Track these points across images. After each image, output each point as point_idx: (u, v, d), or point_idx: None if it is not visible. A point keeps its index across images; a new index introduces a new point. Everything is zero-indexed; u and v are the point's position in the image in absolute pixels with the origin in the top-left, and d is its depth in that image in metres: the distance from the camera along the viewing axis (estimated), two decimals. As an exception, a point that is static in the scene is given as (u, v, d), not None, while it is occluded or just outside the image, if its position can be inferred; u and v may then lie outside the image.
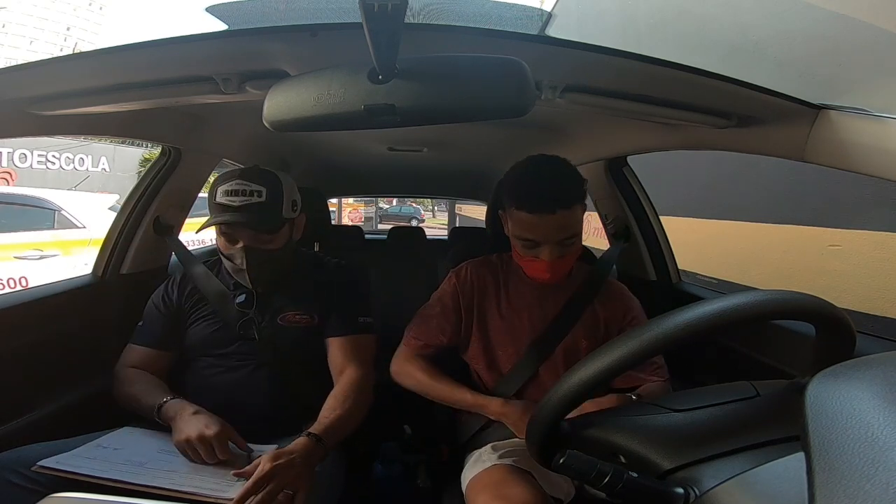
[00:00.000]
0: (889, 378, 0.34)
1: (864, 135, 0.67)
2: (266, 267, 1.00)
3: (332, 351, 1.02)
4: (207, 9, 0.68)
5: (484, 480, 0.84)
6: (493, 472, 0.85)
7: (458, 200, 7.93)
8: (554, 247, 0.89)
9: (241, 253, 0.97)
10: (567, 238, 0.89)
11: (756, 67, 2.09)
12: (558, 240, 0.88)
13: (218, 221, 0.95)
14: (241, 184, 0.95)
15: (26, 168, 9.61)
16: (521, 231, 0.90)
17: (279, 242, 1.00)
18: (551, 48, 0.69)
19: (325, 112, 0.58)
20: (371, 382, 1.01)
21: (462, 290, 1.01)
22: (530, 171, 0.92)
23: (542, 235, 0.88)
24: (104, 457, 0.79)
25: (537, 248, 0.90)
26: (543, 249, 0.89)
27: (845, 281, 2.33)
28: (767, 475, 0.40)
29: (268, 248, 0.99)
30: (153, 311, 1.07)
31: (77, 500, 0.61)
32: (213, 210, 0.97)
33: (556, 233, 0.88)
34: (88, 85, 0.77)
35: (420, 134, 1.50)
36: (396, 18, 0.47)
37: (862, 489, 0.28)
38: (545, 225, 0.87)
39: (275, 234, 0.99)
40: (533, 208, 0.87)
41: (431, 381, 0.99)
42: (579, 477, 0.48)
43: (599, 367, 0.49)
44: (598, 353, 0.50)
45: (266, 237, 0.98)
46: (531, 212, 0.87)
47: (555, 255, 0.89)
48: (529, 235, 0.89)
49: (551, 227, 0.87)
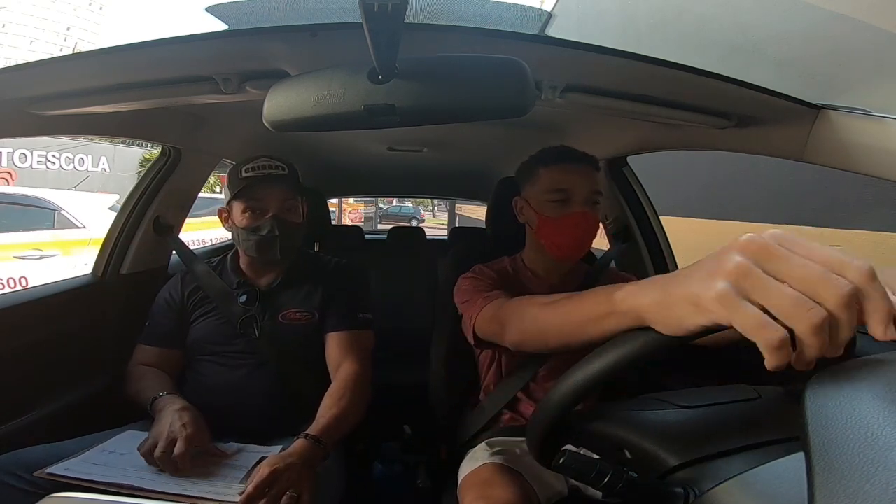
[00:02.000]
0: (889, 378, 0.34)
1: (864, 135, 0.67)
2: (293, 239, 1.05)
3: (330, 346, 1.03)
4: (207, 9, 0.68)
5: (473, 479, 0.84)
6: (482, 470, 0.85)
7: (458, 200, 7.93)
8: (585, 199, 0.91)
9: (271, 222, 1.01)
10: (594, 192, 0.92)
11: (756, 67, 2.09)
12: (587, 192, 0.91)
13: (251, 176, 1.00)
14: (265, 160, 1.03)
15: (26, 168, 9.61)
16: (551, 185, 0.92)
17: (298, 217, 1.06)
18: (551, 48, 0.69)
19: (325, 112, 0.58)
20: (369, 379, 1.01)
21: (483, 278, 0.94)
22: (550, 146, 0.97)
23: (573, 184, 0.91)
24: (112, 462, 0.79)
25: (568, 203, 0.91)
26: (575, 202, 0.91)
27: (845, 281, 2.33)
28: (767, 475, 0.40)
29: (293, 221, 1.04)
30: (160, 310, 1.07)
31: (77, 500, 0.61)
32: (240, 185, 1.01)
33: (585, 182, 0.91)
34: (88, 85, 0.77)
35: (420, 134, 1.50)
36: (396, 18, 0.47)
37: (862, 489, 0.28)
38: (575, 175, 0.91)
39: (299, 198, 1.06)
40: (563, 159, 0.93)
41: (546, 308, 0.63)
42: (579, 477, 0.48)
43: (600, 367, 0.49)
44: (598, 351, 0.50)
45: (292, 203, 1.04)
46: (562, 162, 0.92)
47: (586, 208, 0.91)
48: (562, 186, 0.91)
49: (581, 177, 0.91)
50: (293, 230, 1.04)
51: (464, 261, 1.10)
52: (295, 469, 0.76)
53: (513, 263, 1.03)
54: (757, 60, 2.11)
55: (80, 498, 0.61)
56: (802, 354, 0.31)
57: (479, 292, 0.84)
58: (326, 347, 1.04)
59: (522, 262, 1.03)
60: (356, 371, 0.98)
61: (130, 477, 0.74)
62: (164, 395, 0.91)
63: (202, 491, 0.73)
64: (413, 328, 1.72)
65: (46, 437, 0.84)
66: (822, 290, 0.31)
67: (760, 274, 0.32)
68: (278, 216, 1.02)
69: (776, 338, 0.31)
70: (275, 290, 1.06)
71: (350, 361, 1.00)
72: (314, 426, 0.86)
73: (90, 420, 0.94)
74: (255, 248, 1.03)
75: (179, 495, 0.72)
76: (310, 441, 0.82)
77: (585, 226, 0.91)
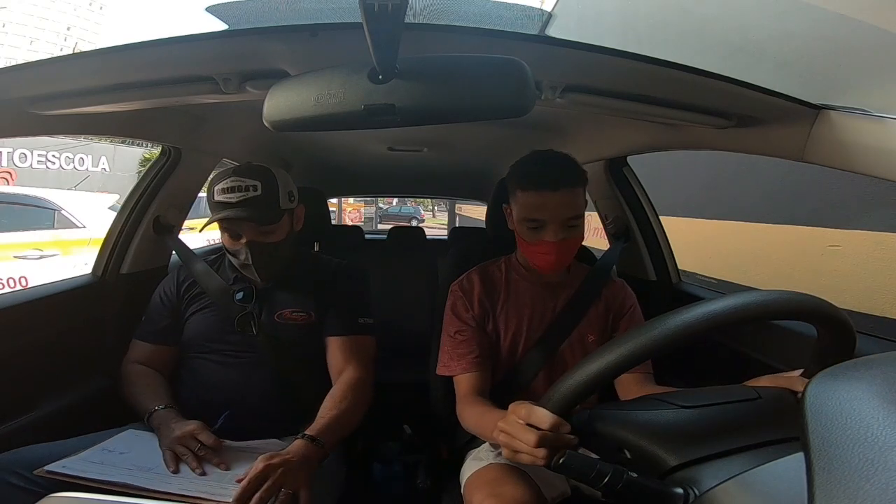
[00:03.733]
0: (889, 378, 0.34)
1: (864, 135, 0.67)
2: (271, 259, 1.02)
3: (332, 350, 1.03)
4: (207, 9, 0.68)
5: (480, 479, 0.84)
6: (489, 470, 0.85)
7: (458, 200, 7.93)
8: (559, 227, 0.90)
9: (246, 248, 0.98)
10: (571, 218, 0.91)
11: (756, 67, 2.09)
12: (562, 219, 0.90)
13: (218, 218, 0.97)
14: (236, 180, 0.97)
15: (26, 168, 9.62)
16: (526, 212, 0.92)
17: (281, 234, 1.02)
18: (551, 48, 0.69)
19: (325, 112, 0.58)
20: (370, 382, 1.01)
21: (469, 299, 1.01)
22: (534, 158, 0.95)
23: (547, 214, 0.90)
24: (111, 461, 0.79)
25: (542, 230, 0.91)
26: (548, 230, 0.90)
27: (845, 281, 2.33)
28: (767, 475, 0.40)
29: (270, 241, 1.01)
30: (155, 306, 1.08)
31: (77, 500, 0.61)
32: (213, 209, 0.98)
33: (560, 210, 0.90)
34: (88, 85, 0.77)
35: (420, 134, 1.50)
36: (396, 18, 0.47)
37: (861, 489, 0.28)
38: (550, 203, 0.90)
39: (275, 224, 1.00)
40: (538, 186, 0.90)
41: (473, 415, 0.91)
42: (578, 477, 0.48)
43: (599, 367, 0.49)
44: (599, 352, 0.50)
45: (267, 229, 0.99)
46: (536, 189, 0.90)
47: (559, 237, 0.90)
48: (535, 215, 0.91)
49: (556, 205, 0.90)
50: (271, 250, 1.01)
51: (464, 261, 1.10)
52: (292, 467, 0.76)
53: (507, 263, 1.05)
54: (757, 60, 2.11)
55: (81, 498, 0.61)
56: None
57: (455, 349, 0.98)
58: (328, 352, 1.04)
59: (517, 261, 1.04)
60: (358, 375, 0.99)
61: (128, 476, 0.74)
62: (159, 410, 0.91)
63: (199, 490, 0.73)
64: (413, 328, 1.72)
65: (47, 437, 0.84)
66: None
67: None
68: (253, 241, 0.99)
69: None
70: (271, 288, 1.06)
71: (352, 367, 1.00)
72: (314, 426, 0.86)
73: (91, 419, 0.94)
74: (239, 268, 1.04)
75: (177, 494, 0.72)
76: (308, 441, 0.82)
77: (558, 253, 0.91)
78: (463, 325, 0.98)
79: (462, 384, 0.95)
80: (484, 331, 0.99)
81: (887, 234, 2.17)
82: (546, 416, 0.54)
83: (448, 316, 1.01)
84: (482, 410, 0.87)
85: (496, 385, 0.99)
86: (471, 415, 0.90)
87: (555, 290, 1.01)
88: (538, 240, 0.92)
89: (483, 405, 0.89)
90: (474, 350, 0.96)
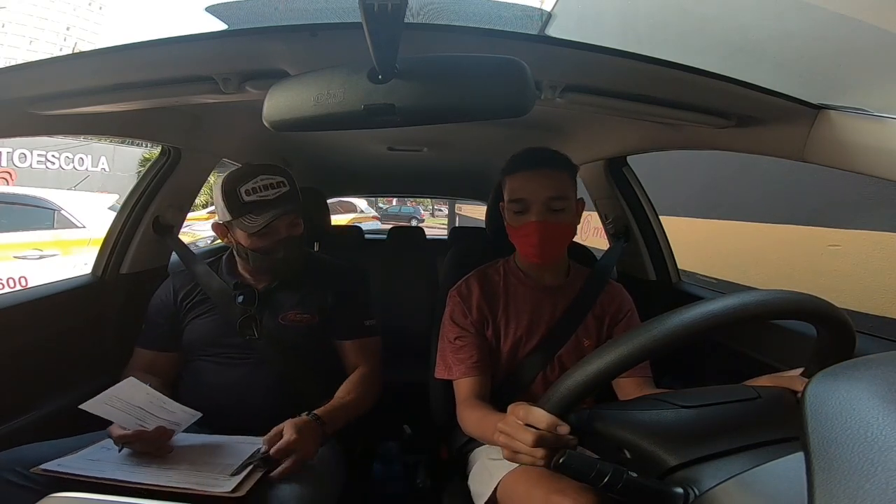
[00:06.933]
0: (889, 378, 0.34)
1: (864, 135, 0.67)
2: (300, 253, 1.06)
3: (344, 353, 1.09)
4: (207, 9, 0.68)
5: (528, 477, 0.75)
6: (527, 471, 0.76)
7: (458, 200, 7.93)
8: (541, 207, 0.90)
9: (282, 246, 1.01)
10: (554, 198, 0.90)
11: (756, 67, 2.09)
12: (544, 198, 0.90)
13: (255, 201, 0.96)
14: (266, 178, 0.98)
15: (26, 168, 9.61)
16: (510, 195, 0.94)
17: (302, 225, 1.06)
18: (551, 48, 0.69)
19: (325, 112, 0.58)
20: (380, 376, 1.08)
21: (467, 305, 1.00)
22: (522, 150, 0.98)
23: (529, 192, 0.91)
24: (107, 458, 0.79)
25: (527, 212, 0.91)
26: (532, 211, 0.90)
27: (845, 281, 2.33)
28: (767, 475, 0.40)
29: (298, 235, 1.04)
30: (154, 314, 1.07)
31: (77, 500, 0.61)
32: (244, 211, 0.97)
33: (542, 190, 0.90)
34: (88, 85, 0.77)
35: (420, 134, 1.50)
36: (396, 18, 0.47)
37: (861, 489, 0.28)
38: (532, 181, 0.91)
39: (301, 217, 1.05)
40: (520, 166, 0.93)
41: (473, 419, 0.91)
42: (578, 477, 0.48)
43: (599, 367, 0.49)
44: (598, 352, 0.50)
45: (298, 221, 1.04)
46: (518, 170, 0.93)
47: (542, 217, 0.90)
48: (518, 195, 0.92)
49: (537, 184, 0.91)
50: (299, 243, 1.05)
51: (463, 261, 1.10)
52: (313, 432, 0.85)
53: (505, 265, 1.04)
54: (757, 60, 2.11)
55: (80, 498, 0.61)
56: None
57: (455, 355, 0.97)
58: (341, 354, 1.09)
59: (515, 264, 1.04)
60: (369, 371, 1.07)
61: (122, 472, 0.75)
62: None
63: (194, 483, 0.73)
64: (413, 328, 1.71)
65: (47, 437, 0.84)
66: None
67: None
68: (289, 236, 1.01)
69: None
70: (272, 290, 1.06)
71: (363, 365, 1.08)
72: (321, 409, 0.92)
73: (90, 419, 0.94)
74: (269, 271, 1.04)
75: (173, 487, 0.72)
76: (312, 418, 0.89)
77: (543, 234, 0.90)
78: (462, 331, 0.98)
79: (462, 388, 0.95)
80: (483, 336, 0.99)
81: (887, 233, 2.17)
82: (544, 416, 0.54)
83: (447, 323, 1.01)
84: (482, 414, 0.87)
85: (495, 388, 0.99)
86: (471, 418, 0.90)
87: (554, 296, 1.00)
88: (522, 223, 0.92)
89: (483, 409, 0.89)
90: (474, 355, 0.96)
